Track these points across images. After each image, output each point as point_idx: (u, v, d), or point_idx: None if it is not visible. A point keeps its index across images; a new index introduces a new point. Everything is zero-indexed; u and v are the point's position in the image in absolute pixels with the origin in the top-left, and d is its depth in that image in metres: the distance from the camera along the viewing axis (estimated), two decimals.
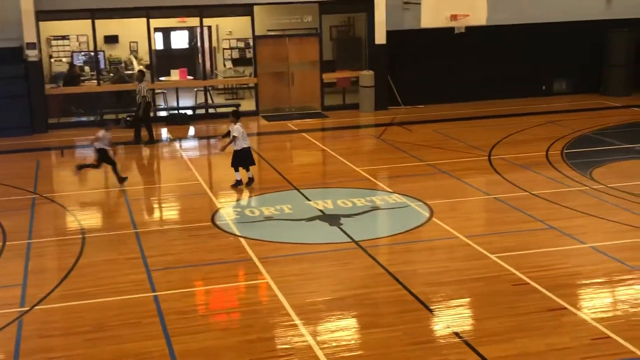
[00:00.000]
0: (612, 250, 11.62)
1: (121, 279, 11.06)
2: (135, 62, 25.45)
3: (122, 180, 15.92)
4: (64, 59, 25.40)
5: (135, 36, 25.77)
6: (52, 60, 25.34)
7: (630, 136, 19.68)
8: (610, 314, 9.58)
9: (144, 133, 20.21)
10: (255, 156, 18.74)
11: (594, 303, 9.95)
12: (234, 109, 16.86)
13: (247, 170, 15.56)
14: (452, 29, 22.44)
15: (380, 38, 23.24)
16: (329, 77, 24.19)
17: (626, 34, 24.47)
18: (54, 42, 25.84)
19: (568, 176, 15.68)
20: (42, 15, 21.70)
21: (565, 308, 9.69)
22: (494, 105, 23.74)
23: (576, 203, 13.92)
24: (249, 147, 15.47)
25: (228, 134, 15.49)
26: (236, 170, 15.48)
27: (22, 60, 21.31)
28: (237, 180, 15.47)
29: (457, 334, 9.11)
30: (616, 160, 17.05)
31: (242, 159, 15.42)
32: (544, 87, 25.05)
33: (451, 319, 9.56)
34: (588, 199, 14.21)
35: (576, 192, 14.62)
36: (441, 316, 9.64)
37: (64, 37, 25.86)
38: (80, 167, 16.24)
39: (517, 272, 10.84)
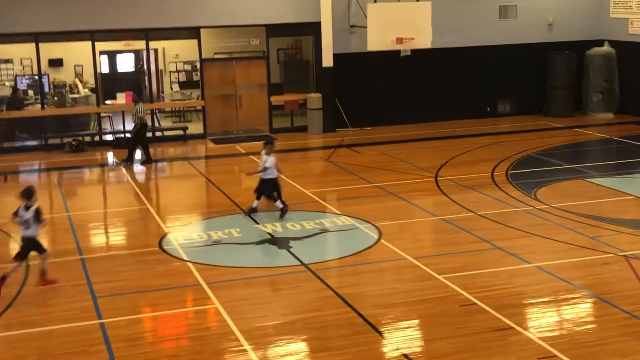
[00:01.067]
0: (556, 269, 11.82)
1: (67, 307, 10.88)
2: (80, 86, 25.17)
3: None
4: (7, 83, 24.99)
5: (80, 59, 25.52)
6: None
7: (572, 156, 20.11)
8: (555, 333, 9.73)
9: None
10: (202, 180, 18.72)
11: (540, 322, 10.10)
12: (271, 138, 15.53)
13: (272, 198, 15.07)
14: (398, 52, 22.70)
15: (327, 61, 23.39)
16: (276, 99, 24.24)
17: (567, 56, 25.05)
18: None
19: (513, 196, 15.93)
20: None
21: (512, 328, 9.82)
22: (439, 126, 24.04)
23: (521, 223, 14.14)
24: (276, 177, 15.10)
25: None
26: (258, 197, 15.07)
27: None
28: (252, 207, 15.09)
29: (406, 356, 9.16)
30: (559, 180, 17.38)
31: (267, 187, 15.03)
32: (488, 109, 25.44)
33: (400, 340, 9.61)
34: (533, 219, 14.45)
35: (521, 213, 14.85)
36: (390, 338, 9.68)
37: (7, 61, 25.46)
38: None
39: (464, 293, 10.95)
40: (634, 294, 10.81)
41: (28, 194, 11.54)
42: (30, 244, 11.58)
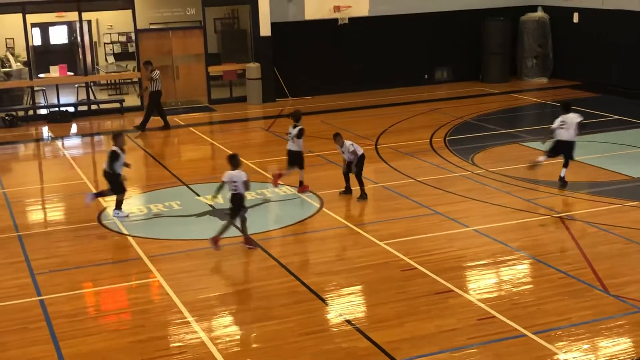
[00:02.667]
0: (494, 232, 12.06)
1: (4, 284, 10.69)
2: (12, 60, 24.51)
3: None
4: None
5: (11, 33, 24.82)
6: None
7: (508, 121, 20.43)
8: (494, 294, 9.95)
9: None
10: (141, 153, 18.50)
11: (479, 284, 10.31)
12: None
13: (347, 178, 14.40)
14: (335, 20, 22.68)
15: (265, 30, 23.22)
16: (214, 70, 24.01)
17: (501, 23, 25.33)
18: None
19: (451, 162, 16.14)
20: None
21: (452, 290, 10.00)
22: (378, 94, 24.14)
23: (459, 188, 14.35)
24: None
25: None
26: (347, 178, 14.31)
27: None
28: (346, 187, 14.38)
29: (349, 322, 9.26)
30: (496, 145, 17.66)
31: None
32: (426, 76, 25.64)
33: (343, 307, 9.71)
34: (470, 183, 14.67)
35: (459, 178, 15.06)
36: (333, 305, 9.78)
37: None
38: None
39: (405, 258, 11.10)
40: (569, 254, 11.10)
41: (296, 115, 14.39)
42: (294, 157, 14.34)
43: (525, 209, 13.11)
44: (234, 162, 11.74)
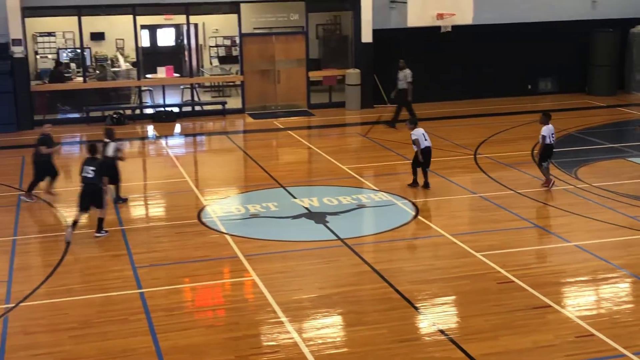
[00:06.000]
0: (596, 248, 11.71)
1: (107, 276, 11.05)
2: (121, 59, 25.36)
3: None
4: (49, 56, 25.27)
5: (121, 33, 25.69)
6: (38, 56, 25.21)
7: (614, 136, 19.83)
8: (594, 312, 9.66)
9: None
10: (241, 154, 18.81)
11: (578, 301, 10.03)
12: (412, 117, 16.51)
13: (425, 171, 15.00)
14: (438, 27, 22.46)
15: (366, 36, 23.25)
16: (315, 75, 24.20)
17: (611, 35, 24.61)
18: (39, 39, 25.71)
19: (553, 175, 15.74)
20: (28, 11, 21.57)
21: (550, 306, 9.76)
22: (479, 104, 23.82)
23: (561, 202, 14.00)
24: (430, 146, 14.98)
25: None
26: (414, 172, 15.02)
27: (7, 57, 21.15)
28: (414, 180, 15.06)
29: (442, 332, 9.16)
30: (600, 159, 17.16)
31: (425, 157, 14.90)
32: (529, 86, 25.15)
33: (437, 316, 9.61)
34: (573, 197, 14.29)
35: (561, 191, 14.70)
36: (427, 314, 9.69)
37: (49, 34, 25.71)
38: None
39: (502, 270, 10.91)
40: None
41: None
42: None
43: (630, 225, 12.68)
44: (546, 117, 14.62)
